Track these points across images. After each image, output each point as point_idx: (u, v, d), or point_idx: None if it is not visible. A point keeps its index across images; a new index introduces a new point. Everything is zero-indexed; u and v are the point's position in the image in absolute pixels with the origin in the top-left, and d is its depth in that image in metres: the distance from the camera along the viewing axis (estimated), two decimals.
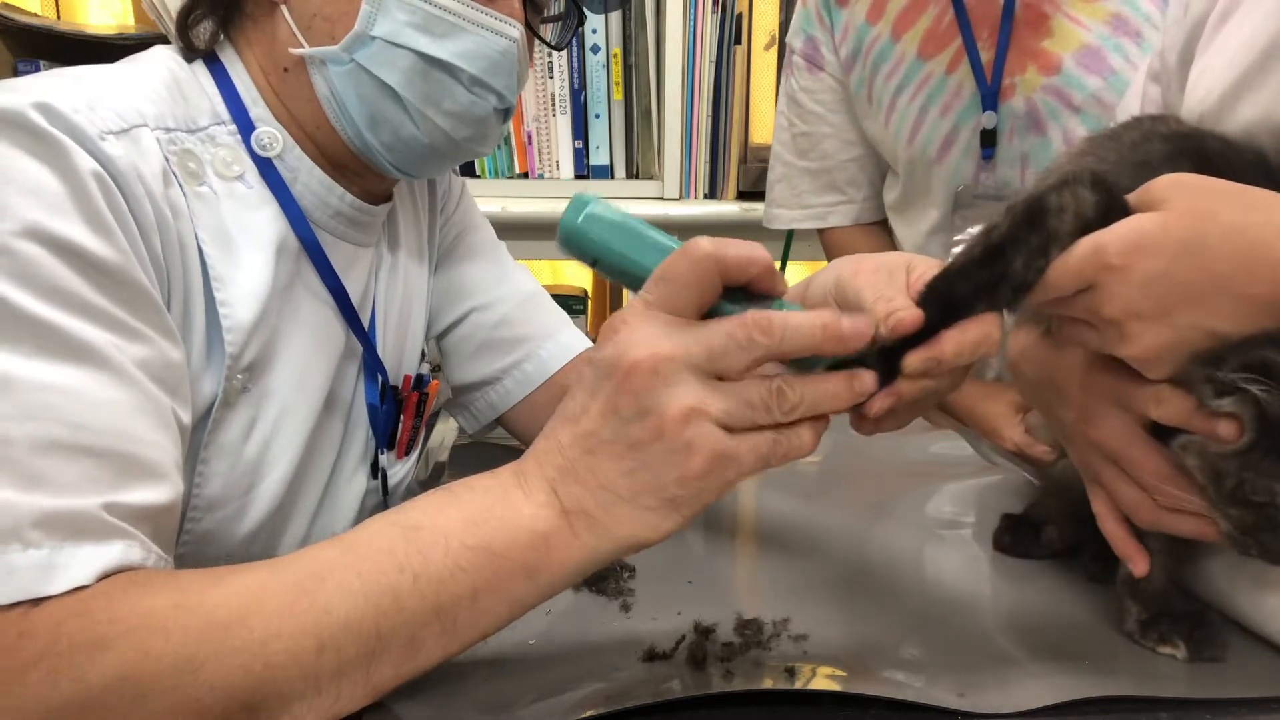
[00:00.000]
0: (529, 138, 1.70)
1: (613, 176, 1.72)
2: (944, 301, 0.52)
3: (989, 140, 1.12)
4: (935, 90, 1.15)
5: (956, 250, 1.15)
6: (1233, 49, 0.65)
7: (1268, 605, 0.59)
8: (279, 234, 0.73)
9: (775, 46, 1.74)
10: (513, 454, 0.92)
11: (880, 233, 1.33)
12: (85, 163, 0.58)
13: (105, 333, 0.56)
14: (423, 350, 0.94)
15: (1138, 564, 0.58)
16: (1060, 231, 0.52)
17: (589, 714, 0.51)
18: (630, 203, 1.66)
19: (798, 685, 0.53)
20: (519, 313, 0.96)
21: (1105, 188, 0.53)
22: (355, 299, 0.80)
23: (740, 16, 1.69)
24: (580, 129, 1.70)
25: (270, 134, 0.73)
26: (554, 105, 1.69)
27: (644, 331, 0.49)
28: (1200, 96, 0.67)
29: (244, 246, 0.70)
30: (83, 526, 0.51)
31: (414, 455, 0.92)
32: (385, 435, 0.85)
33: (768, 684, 0.53)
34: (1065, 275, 0.51)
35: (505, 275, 0.98)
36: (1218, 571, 0.62)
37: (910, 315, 0.51)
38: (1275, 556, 0.52)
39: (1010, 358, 0.66)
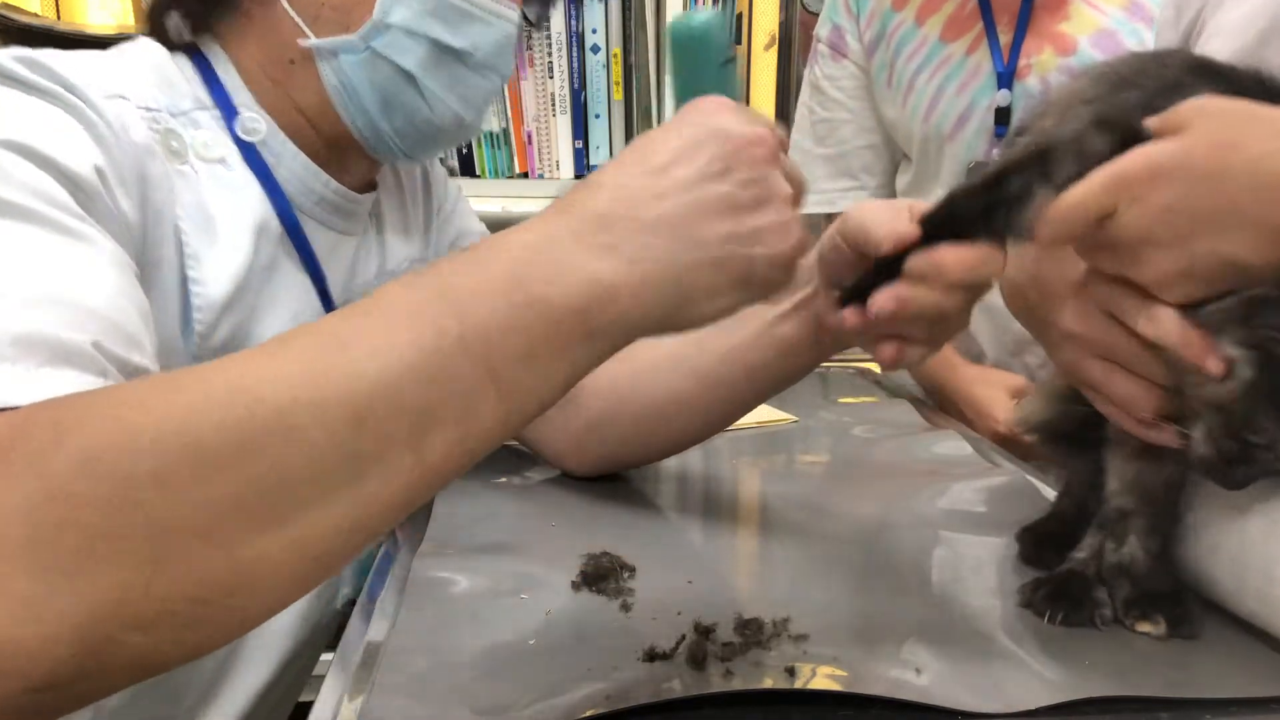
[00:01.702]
0: (529, 138, 1.70)
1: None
2: (945, 221, 0.55)
3: (1003, 118, 1.15)
4: (954, 70, 1.19)
5: None
6: (1230, 33, 0.65)
7: (1273, 598, 0.59)
8: (260, 216, 0.73)
9: (775, 46, 1.74)
10: (510, 450, 0.93)
11: None
12: (76, 103, 0.61)
13: (91, 228, 0.57)
14: None
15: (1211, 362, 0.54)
16: (1063, 157, 0.53)
17: (589, 714, 0.51)
18: None
19: (798, 685, 0.53)
20: None
21: (1113, 126, 0.53)
22: (337, 287, 0.80)
23: (740, 16, 1.69)
24: (580, 129, 1.70)
25: (254, 119, 0.74)
26: (554, 105, 1.69)
27: (745, 116, 0.51)
28: None
29: (223, 226, 0.70)
30: (68, 356, 0.47)
31: None
32: None
33: (768, 684, 0.53)
34: (1087, 201, 0.51)
35: None
36: (1223, 575, 0.62)
37: (909, 230, 0.56)
38: (1237, 486, 0.55)
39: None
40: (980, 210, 0.55)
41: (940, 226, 0.56)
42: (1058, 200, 0.52)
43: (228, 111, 0.74)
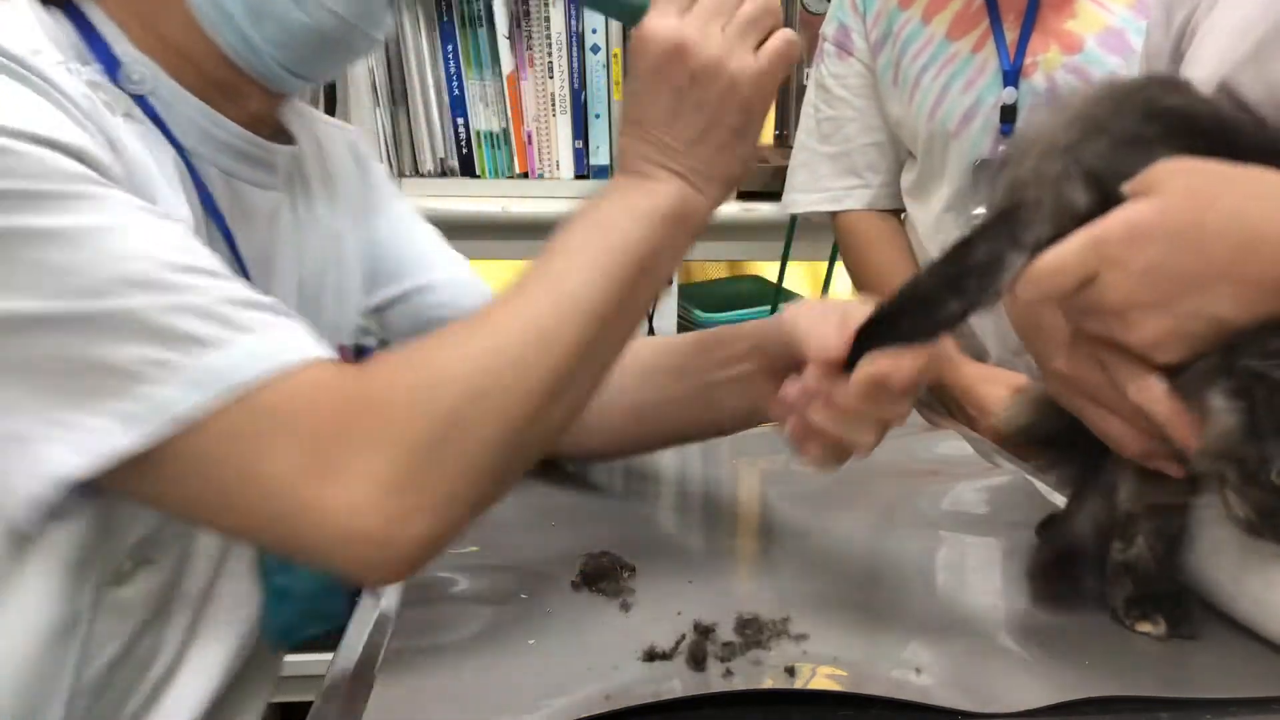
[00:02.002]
0: (529, 138, 1.70)
1: (613, 176, 1.72)
2: (880, 330, 0.58)
3: (1009, 116, 1.14)
4: (960, 67, 1.18)
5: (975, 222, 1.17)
6: (1225, 35, 0.65)
7: (1271, 603, 0.59)
8: (180, 170, 0.68)
9: None
10: None
11: (892, 220, 1.35)
12: (38, 79, 0.58)
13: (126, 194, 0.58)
14: (363, 323, 0.90)
15: (1184, 436, 0.54)
16: (1031, 222, 0.53)
17: (589, 714, 0.51)
18: None
19: (798, 685, 0.53)
20: (461, 294, 0.94)
21: (1087, 185, 0.53)
22: (253, 246, 0.74)
23: None
24: (580, 129, 1.70)
25: (138, 67, 0.67)
26: (554, 105, 1.69)
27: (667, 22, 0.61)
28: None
29: (161, 187, 0.66)
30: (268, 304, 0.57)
31: None
32: None
33: (768, 684, 0.53)
34: (1065, 268, 0.51)
35: (441, 252, 0.96)
36: (1224, 578, 0.62)
37: (838, 350, 0.61)
38: None
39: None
40: (947, 281, 0.56)
41: (876, 336, 0.57)
42: (1036, 263, 0.52)
43: (109, 63, 0.67)
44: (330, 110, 1.67)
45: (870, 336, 0.59)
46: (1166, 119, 0.57)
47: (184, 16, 0.68)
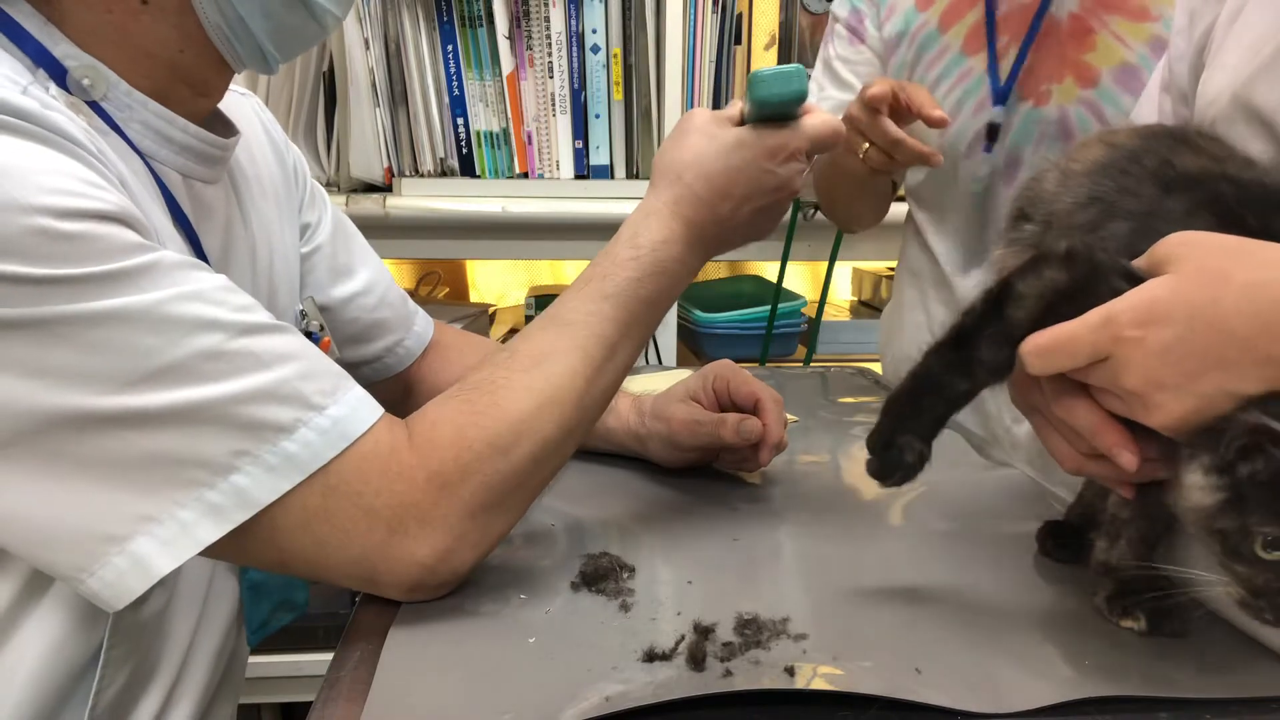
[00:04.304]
0: (529, 138, 1.70)
1: (613, 176, 1.72)
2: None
3: (991, 134, 1.13)
4: (973, 87, 1.16)
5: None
6: (1244, 48, 0.65)
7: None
8: (148, 178, 0.66)
9: (775, 46, 1.74)
10: None
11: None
12: (55, 135, 0.55)
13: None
14: (303, 310, 0.90)
15: (1123, 458, 0.54)
16: (1019, 320, 0.54)
17: (589, 714, 0.51)
18: (630, 203, 1.66)
19: (798, 685, 0.53)
20: (390, 293, 0.99)
21: (1082, 263, 0.54)
22: (215, 247, 0.73)
23: (740, 16, 1.69)
24: (580, 129, 1.70)
25: (85, 72, 0.63)
26: (554, 105, 1.69)
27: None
28: (1211, 98, 0.67)
29: (146, 203, 0.64)
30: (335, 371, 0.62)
31: None
32: None
33: (767, 684, 0.53)
34: (1078, 347, 0.51)
35: (369, 255, 0.99)
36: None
37: (753, 426, 0.85)
38: None
39: None
40: (951, 364, 0.58)
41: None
42: (1048, 335, 0.52)
43: (55, 70, 0.62)
44: (330, 110, 1.67)
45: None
46: (1185, 189, 0.56)
47: (178, 28, 0.65)
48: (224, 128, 0.76)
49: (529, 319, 1.91)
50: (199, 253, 0.70)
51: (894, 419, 0.61)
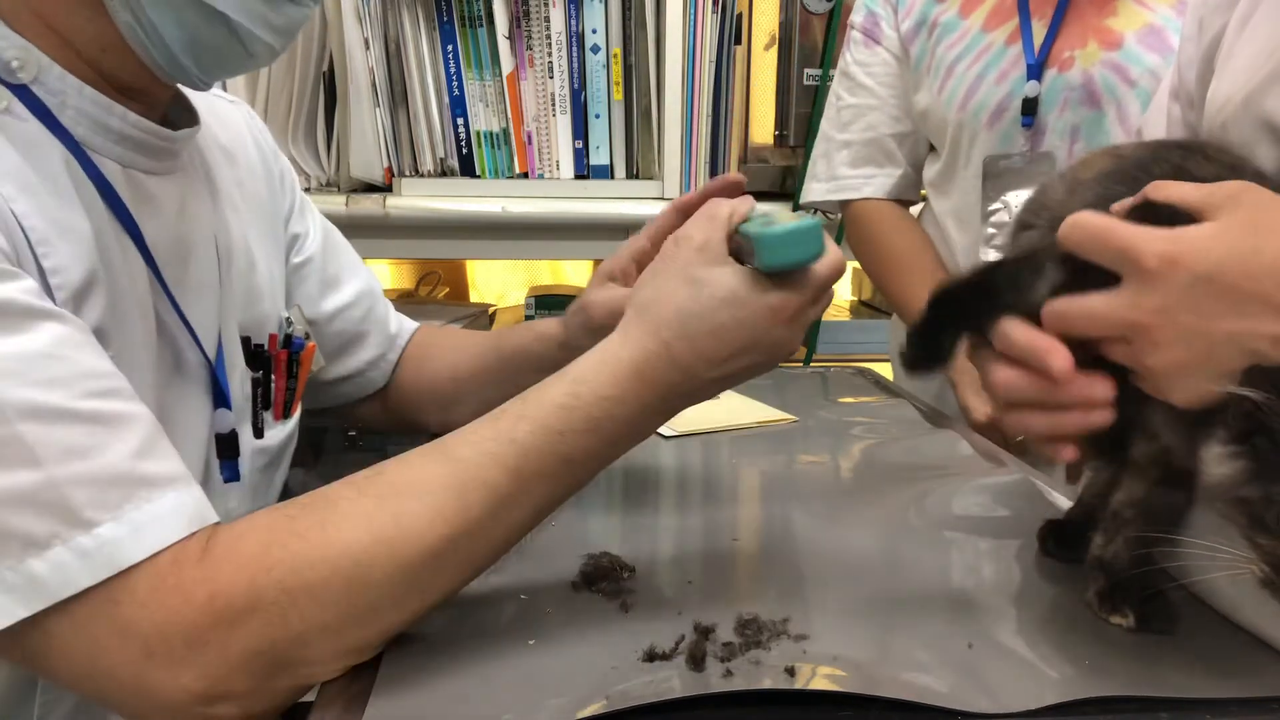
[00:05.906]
0: (529, 138, 1.69)
1: (613, 176, 1.72)
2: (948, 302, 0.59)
3: (1030, 109, 1.14)
4: (994, 58, 1.18)
5: (991, 218, 1.16)
6: (1253, 55, 0.65)
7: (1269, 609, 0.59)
8: (72, 169, 0.63)
9: (775, 46, 1.74)
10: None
11: (904, 208, 1.35)
12: None
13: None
14: (288, 318, 0.89)
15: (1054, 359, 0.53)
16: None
17: (589, 714, 0.51)
18: (630, 203, 1.67)
19: (798, 685, 0.53)
20: (377, 308, 0.99)
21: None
22: (165, 239, 0.70)
23: (740, 16, 1.69)
24: (580, 129, 1.70)
25: (16, 54, 0.61)
26: (554, 105, 1.69)
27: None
28: (1219, 105, 0.67)
29: (45, 191, 0.60)
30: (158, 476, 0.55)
31: (295, 417, 0.88)
32: (229, 393, 0.77)
33: (768, 684, 0.53)
34: (1108, 250, 0.51)
35: (359, 266, 0.99)
36: (1223, 583, 0.62)
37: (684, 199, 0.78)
38: None
39: None
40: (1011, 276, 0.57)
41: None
42: (1077, 300, 0.53)
43: None
44: (330, 109, 1.67)
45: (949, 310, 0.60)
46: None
47: (100, 25, 0.64)
48: (189, 115, 0.75)
49: (529, 319, 1.91)
50: (139, 245, 0.68)
51: (939, 312, 0.60)
